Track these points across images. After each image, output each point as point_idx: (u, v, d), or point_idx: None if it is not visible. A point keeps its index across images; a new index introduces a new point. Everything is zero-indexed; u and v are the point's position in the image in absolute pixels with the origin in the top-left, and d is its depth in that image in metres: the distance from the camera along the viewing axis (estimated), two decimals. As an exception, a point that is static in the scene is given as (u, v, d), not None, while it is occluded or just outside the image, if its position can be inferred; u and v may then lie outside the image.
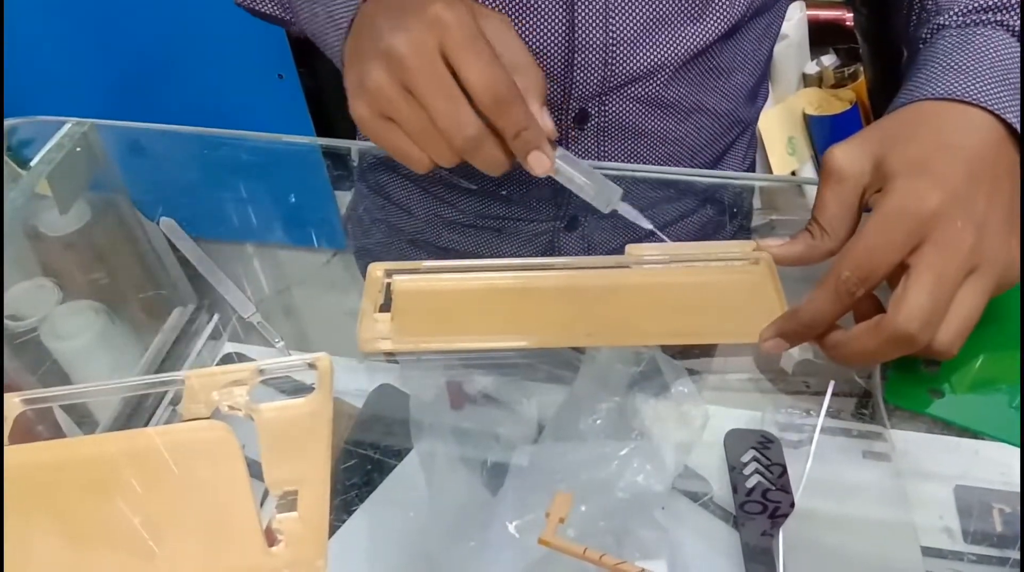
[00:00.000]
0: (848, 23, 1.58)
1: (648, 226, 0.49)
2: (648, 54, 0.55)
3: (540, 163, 0.45)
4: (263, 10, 0.58)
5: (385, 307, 0.50)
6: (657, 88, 0.57)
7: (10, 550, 0.38)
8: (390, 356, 0.50)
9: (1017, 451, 0.51)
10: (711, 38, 0.55)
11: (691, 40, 0.55)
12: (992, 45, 0.46)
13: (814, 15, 1.57)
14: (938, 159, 0.40)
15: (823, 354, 0.43)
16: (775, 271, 0.51)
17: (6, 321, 0.63)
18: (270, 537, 0.40)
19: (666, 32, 0.54)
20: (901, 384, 0.54)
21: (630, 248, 0.53)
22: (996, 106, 0.41)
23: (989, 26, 0.48)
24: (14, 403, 0.45)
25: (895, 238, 0.38)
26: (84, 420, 0.59)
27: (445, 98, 0.41)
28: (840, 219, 0.42)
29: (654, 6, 0.53)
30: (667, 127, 0.60)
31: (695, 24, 0.54)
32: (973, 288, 0.38)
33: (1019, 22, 0.47)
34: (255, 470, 0.42)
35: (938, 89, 0.43)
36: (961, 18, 0.49)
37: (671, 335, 0.51)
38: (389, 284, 0.51)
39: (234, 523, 0.40)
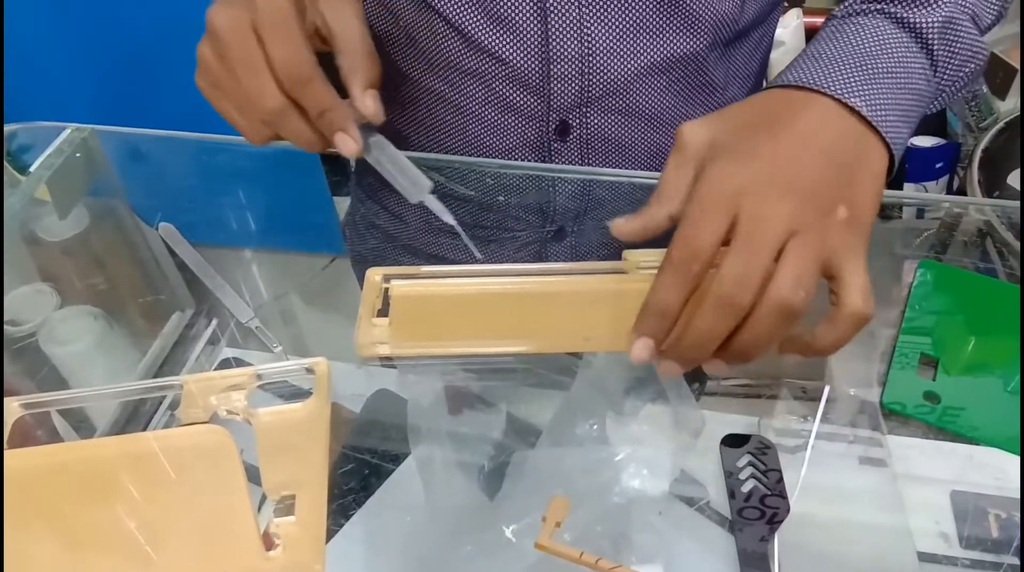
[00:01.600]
0: (845, 30, 1.59)
1: (451, 221, 0.50)
2: (626, 63, 0.55)
3: (344, 144, 0.46)
4: None
5: (383, 312, 0.50)
6: (640, 100, 0.57)
7: (9, 554, 0.38)
8: (388, 361, 0.50)
9: (1011, 456, 0.51)
10: (693, 48, 0.55)
11: (671, 49, 0.55)
12: (863, 33, 0.46)
13: (811, 22, 1.57)
14: (759, 137, 0.41)
15: (686, 355, 0.41)
16: None
17: (4, 326, 0.64)
18: (267, 541, 0.40)
19: (644, 41, 0.54)
20: (898, 389, 0.54)
21: (627, 253, 0.53)
22: (840, 92, 0.42)
23: (871, 15, 0.48)
24: (13, 407, 0.45)
25: (711, 213, 0.39)
26: (82, 425, 0.59)
27: (250, 72, 0.43)
28: (674, 186, 0.42)
29: (631, 15, 0.53)
30: (653, 140, 0.60)
31: (675, 33, 0.54)
32: (796, 249, 0.38)
33: (905, 11, 0.47)
34: (253, 474, 0.42)
35: (790, 76, 0.44)
36: (853, 7, 0.49)
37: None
38: (387, 289, 0.51)
39: (232, 527, 0.40)
